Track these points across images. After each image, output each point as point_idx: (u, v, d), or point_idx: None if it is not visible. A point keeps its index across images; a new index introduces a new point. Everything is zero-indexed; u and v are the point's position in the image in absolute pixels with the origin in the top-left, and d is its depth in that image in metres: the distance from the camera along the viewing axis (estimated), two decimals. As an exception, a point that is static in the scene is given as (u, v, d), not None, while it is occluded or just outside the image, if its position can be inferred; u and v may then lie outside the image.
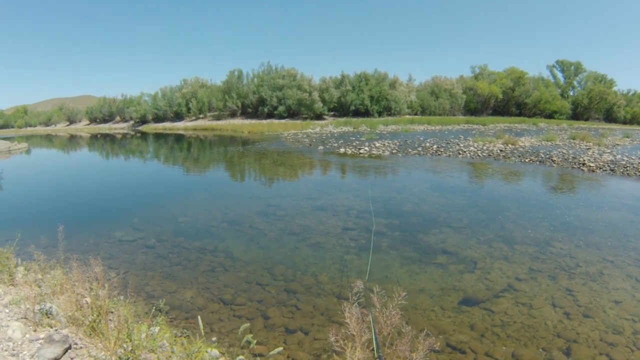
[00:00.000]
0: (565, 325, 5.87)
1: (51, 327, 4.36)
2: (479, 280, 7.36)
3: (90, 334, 4.28)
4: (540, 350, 5.28)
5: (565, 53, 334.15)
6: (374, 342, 3.80)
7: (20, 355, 3.76)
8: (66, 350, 3.85)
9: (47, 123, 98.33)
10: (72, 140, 50.64)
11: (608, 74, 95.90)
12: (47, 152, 37.05)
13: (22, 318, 4.41)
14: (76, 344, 4.06)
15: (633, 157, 22.35)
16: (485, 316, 6.13)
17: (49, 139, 54.97)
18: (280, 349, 4.55)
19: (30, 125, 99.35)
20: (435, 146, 27.83)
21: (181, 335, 4.90)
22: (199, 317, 4.80)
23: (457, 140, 31.61)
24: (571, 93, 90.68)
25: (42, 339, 4.01)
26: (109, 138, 51.82)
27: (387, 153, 25.92)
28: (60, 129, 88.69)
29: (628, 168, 19.00)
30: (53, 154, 35.60)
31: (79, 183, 18.68)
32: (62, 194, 15.68)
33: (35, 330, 4.23)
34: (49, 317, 4.56)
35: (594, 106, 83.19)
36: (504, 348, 5.31)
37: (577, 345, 5.37)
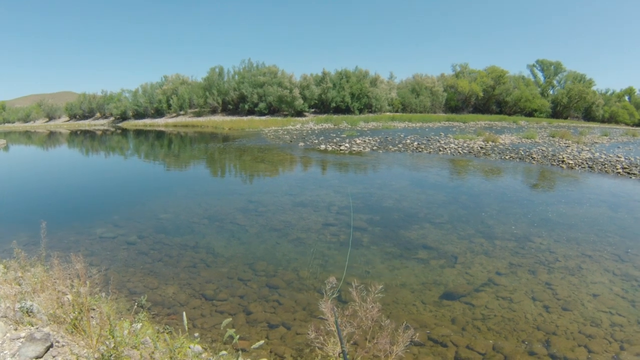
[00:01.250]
0: (545, 318, 5.95)
1: (32, 326, 4.32)
2: (460, 274, 7.43)
3: (72, 332, 4.25)
4: (521, 342, 5.36)
5: (546, 53, 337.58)
6: (338, 336, 3.83)
7: (1, 354, 3.72)
8: (48, 349, 3.82)
9: (25, 119, 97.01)
10: (52, 137, 50.02)
11: (587, 74, 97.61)
12: (26, 149, 36.57)
13: (2, 317, 4.37)
14: (58, 342, 4.03)
15: (611, 155, 22.72)
16: (466, 310, 6.19)
17: (27, 136, 54.23)
18: (262, 342, 4.56)
19: (9, 122, 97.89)
20: (415, 143, 27.98)
21: (164, 331, 4.89)
22: (183, 313, 4.79)
23: (437, 138, 31.84)
24: (551, 92, 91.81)
25: (23, 337, 3.97)
26: (88, 134, 51.26)
27: (367, 150, 26.00)
28: (39, 125, 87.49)
29: (606, 165, 19.30)
30: (32, 150, 35.14)
31: (58, 180, 18.47)
32: (41, 191, 15.50)
33: (16, 329, 4.19)
34: (29, 316, 4.51)
35: (573, 105, 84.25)
36: (490, 342, 5.37)
37: (557, 338, 5.46)
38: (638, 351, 5.21)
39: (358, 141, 29.13)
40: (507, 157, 22.46)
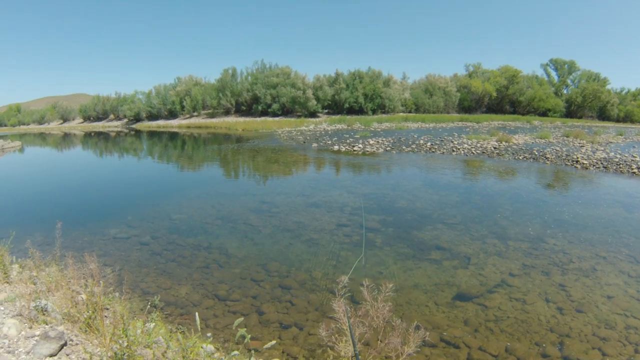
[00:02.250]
0: (558, 320, 5.91)
1: (47, 324, 4.36)
2: (473, 275, 7.40)
3: (86, 331, 4.29)
4: (534, 344, 5.32)
5: (559, 52, 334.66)
6: (350, 336, 3.82)
7: (16, 352, 3.76)
8: (62, 347, 3.85)
9: (40, 121, 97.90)
10: (66, 139, 50.46)
11: (601, 73, 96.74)
12: (40, 151, 36.92)
13: (17, 315, 4.41)
14: (72, 340, 4.07)
15: (626, 155, 22.47)
16: (479, 311, 6.16)
17: (42, 138, 54.74)
18: (274, 342, 4.57)
19: (24, 124, 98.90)
20: (429, 143, 27.87)
21: (176, 331, 4.91)
22: (196, 313, 4.80)
23: (451, 138, 31.68)
24: (565, 91, 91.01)
25: (38, 335, 4.01)
26: (102, 136, 51.64)
27: (381, 150, 25.96)
28: (54, 127, 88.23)
29: (621, 165, 19.10)
30: (47, 152, 35.47)
31: (72, 181, 18.63)
32: (55, 192, 15.64)
33: (30, 327, 4.22)
34: (44, 314, 4.55)
35: (587, 104, 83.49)
36: (503, 343, 5.34)
37: (570, 340, 5.42)
38: (653, 353, 5.16)
39: (371, 142, 29.08)
40: (520, 158, 22.33)
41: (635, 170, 17.97)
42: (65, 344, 3.90)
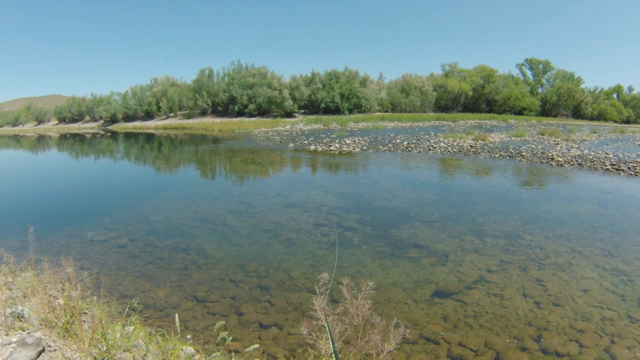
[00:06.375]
0: (536, 314, 6.00)
1: (23, 330, 4.30)
2: (451, 272, 7.47)
3: (64, 336, 4.23)
4: (512, 338, 5.39)
5: (535, 52, 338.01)
6: (330, 336, 3.83)
7: (-7, 359, 3.71)
8: (40, 353, 3.80)
9: (14, 123, 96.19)
10: (41, 141, 49.68)
11: (576, 72, 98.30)
12: (14, 153, 36.32)
13: (-8, 322, 4.35)
14: (50, 346, 4.01)
15: (600, 152, 22.88)
16: (458, 307, 6.22)
17: (16, 140, 53.85)
18: (256, 345, 4.57)
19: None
20: (405, 142, 28.05)
21: (156, 334, 4.87)
22: (176, 315, 4.78)
23: (427, 137, 31.94)
24: (540, 90, 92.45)
25: (15, 342, 3.95)
26: (78, 138, 50.97)
27: (357, 150, 26.04)
28: (29, 129, 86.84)
29: (595, 162, 19.44)
30: (21, 154, 34.92)
31: (48, 184, 18.36)
32: (31, 195, 15.39)
33: (7, 334, 4.16)
34: (20, 320, 4.49)
35: (562, 103, 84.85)
36: (482, 338, 5.39)
37: (548, 333, 5.50)
38: (628, 344, 5.26)
39: (348, 141, 29.16)
40: (496, 156, 22.57)
41: (609, 167, 18.30)
42: (43, 350, 3.85)
